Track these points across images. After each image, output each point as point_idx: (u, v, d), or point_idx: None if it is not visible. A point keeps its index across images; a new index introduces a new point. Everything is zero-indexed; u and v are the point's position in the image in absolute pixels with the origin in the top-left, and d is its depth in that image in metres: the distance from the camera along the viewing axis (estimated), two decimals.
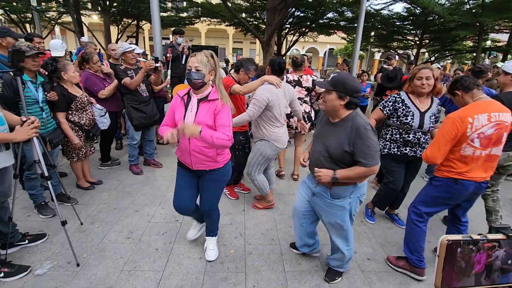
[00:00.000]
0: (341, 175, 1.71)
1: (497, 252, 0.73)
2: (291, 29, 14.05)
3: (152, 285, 2.02)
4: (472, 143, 1.87)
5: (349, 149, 1.66)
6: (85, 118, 3.05)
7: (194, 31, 26.46)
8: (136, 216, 2.84)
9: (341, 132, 1.71)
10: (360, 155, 1.65)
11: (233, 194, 3.31)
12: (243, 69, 2.89)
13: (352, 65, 9.07)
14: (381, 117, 2.65)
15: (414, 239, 2.19)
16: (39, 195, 2.74)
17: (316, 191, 1.93)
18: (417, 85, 2.41)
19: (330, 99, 1.69)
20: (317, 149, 1.82)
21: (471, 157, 1.91)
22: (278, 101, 2.68)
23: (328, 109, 1.74)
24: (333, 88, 1.66)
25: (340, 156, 1.70)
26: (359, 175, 1.70)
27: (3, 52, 2.83)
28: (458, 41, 15.72)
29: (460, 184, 1.98)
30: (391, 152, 2.62)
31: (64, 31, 17.06)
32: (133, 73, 3.49)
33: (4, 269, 2.00)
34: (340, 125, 1.73)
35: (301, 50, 33.71)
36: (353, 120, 1.69)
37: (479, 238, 0.73)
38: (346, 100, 1.67)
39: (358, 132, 1.64)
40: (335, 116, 1.76)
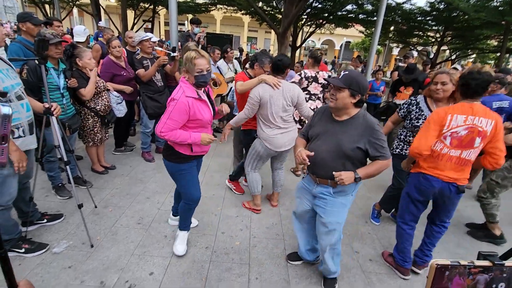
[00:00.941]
0: (363, 173, 1.73)
1: (479, 276, 0.77)
2: (308, 20, 13.75)
3: (160, 270, 2.13)
4: (444, 140, 1.93)
5: (364, 146, 1.69)
6: (100, 104, 3.14)
7: (209, 18, 26.28)
8: (147, 203, 2.96)
9: (352, 130, 1.72)
10: (378, 151, 1.70)
11: (239, 188, 3.35)
12: (257, 63, 2.81)
13: (368, 60, 8.88)
14: (398, 120, 2.69)
15: (400, 240, 2.28)
16: (57, 177, 2.88)
17: (317, 192, 1.89)
18: (432, 89, 2.39)
19: (342, 96, 1.68)
20: (325, 148, 1.78)
21: (438, 153, 1.96)
22: (271, 100, 2.54)
23: (338, 107, 1.72)
24: (346, 86, 1.66)
25: (353, 153, 1.72)
26: (379, 169, 1.74)
27: (24, 36, 2.92)
28: (482, 40, 15.08)
29: (424, 179, 2.04)
30: (403, 153, 2.63)
31: (82, 13, 17.22)
32: (148, 63, 3.55)
33: (25, 245, 2.14)
34: (350, 123, 1.74)
35: (317, 42, 33.06)
36: (364, 118, 1.73)
37: (466, 264, 0.76)
38: (358, 98, 1.69)
39: (372, 130, 1.69)
40: (343, 114, 1.76)
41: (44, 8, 15.20)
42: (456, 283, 0.77)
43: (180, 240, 2.33)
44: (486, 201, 2.83)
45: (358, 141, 1.69)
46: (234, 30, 28.44)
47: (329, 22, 14.12)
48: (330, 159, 1.77)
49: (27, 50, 2.85)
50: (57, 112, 2.17)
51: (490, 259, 0.76)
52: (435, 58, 15.59)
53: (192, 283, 2.05)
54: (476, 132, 1.86)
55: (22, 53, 2.85)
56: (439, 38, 15.32)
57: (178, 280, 2.06)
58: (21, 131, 1.91)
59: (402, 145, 2.66)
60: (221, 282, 2.08)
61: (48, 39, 2.25)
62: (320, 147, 1.81)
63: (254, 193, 2.96)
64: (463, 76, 1.94)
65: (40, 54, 2.01)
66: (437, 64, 16.11)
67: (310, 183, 1.96)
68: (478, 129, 1.85)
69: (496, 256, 0.76)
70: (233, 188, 3.35)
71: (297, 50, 14.13)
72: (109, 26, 15.68)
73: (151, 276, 2.07)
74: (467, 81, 1.90)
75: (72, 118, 2.78)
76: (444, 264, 0.75)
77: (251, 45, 28.83)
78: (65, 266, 2.08)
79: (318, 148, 1.81)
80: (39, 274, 1.99)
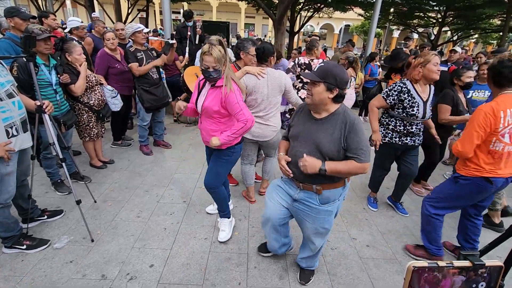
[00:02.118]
0: (330, 168, 1.53)
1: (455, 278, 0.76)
2: (305, 4, 13.43)
3: (160, 262, 2.17)
4: (502, 138, 1.82)
5: (344, 144, 1.54)
6: (94, 98, 3.11)
7: (205, 5, 25.70)
8: (146, 196, 2.98)
9: (332, 127, 1.56)
10: (355, 151, 1.53)
11: (232, 180, 3.33)
12: (242, 51, 2.69)
13: (368, 43, 8.72)
14: (384, 106, 2.60)
15: (433, 230, 2.22)
16: (55, 173, 2.90)
17: (300, 198, 1.73)
18: (434, 70, 2.34)
19: (318, 91, 1.52)
20: (304, 150, 1.61)
21: (500, 153, 1.86)
22: (255, 88, 2.50)
23: (314, 103, 1.57)
24: (321, 79, 1.50)
25: (335, 153, 1.55)
26: (350, 171, 1.55)
27: (13, 31, 2.87)
28: (484, 19, 14.73)
29: (492, 183, 1.93)
30: (393, 141, 2.63)
31: (75, 4, 16.87)
32: (142, 55, 3.50)
33: (26, 241, 2.18)
34: (330, 121, 1.57)
35: (316, 27, 32.41)
36: (344, 114, 1.56)
37: (445, 265, 0.75)
38: (335, 92, 1.52)
39: (352, 127, 1.52)
40: (322, 111, 1.60)
41: (36, 0, 14.89)
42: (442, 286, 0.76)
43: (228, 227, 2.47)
44: None
45: (338, 139, 1.54)
46: (230, 17, 27.87)
47: (327, 5, 13.80)
48: None
49: (17, 47, 2.80)
50: (49, 110, 2.16)
51: (470, 259, 0.75)
52: (436, 39, 15.29)
53: (191, 274, 2.09)
54: None
55: (13, 50, 2.81)
56: (440, 19, 14.98)
57: (178, 271, 2.10)
58: (15, 130, 1.90)
59: (391, 134, 2.63)
60: (220, 272, 2.12)
61: (36, 35, 2.21)
62: (299, 149, 1.64)
63: (246, 185, 2.99)
64: (493, 66, 1.87)
65: (28, 51, 1.97)
66: (438, 46, 15.81)
67: (291, 186, 1.79)
68: None
69: (476, 256, 0.75)
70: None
71: (295, 35, 13.86)
72: (103, 17, 15.40)
73: (152, 268, 2.11)
74: (499, 70, 1.82)
75: (66, 114, 2.77)
76: (421, 267, 0.74)
77: (248, 32, 28.30)
78: (67, 260, 2.12)
79: (297, 150, 1.66)
80: (42, 269, 2.03)
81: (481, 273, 0.79)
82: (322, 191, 1.65)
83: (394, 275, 2.19)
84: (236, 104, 1.97)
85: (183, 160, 3.82)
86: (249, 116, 1.99)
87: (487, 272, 0.77)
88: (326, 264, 2.25)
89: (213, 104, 2.01)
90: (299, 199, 1.74)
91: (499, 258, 2.26)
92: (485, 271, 0.79)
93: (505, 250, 1.32)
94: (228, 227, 2.46)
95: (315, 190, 1.66)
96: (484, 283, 0.77)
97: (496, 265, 0.82)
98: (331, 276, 2.14)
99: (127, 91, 3.81)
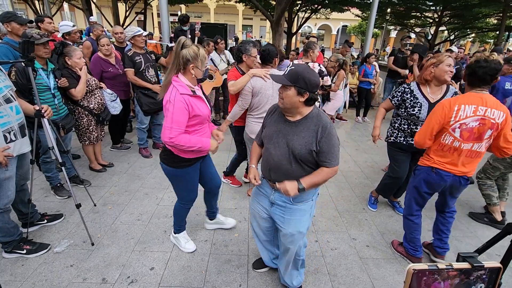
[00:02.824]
0: (308, 183, 1.54)
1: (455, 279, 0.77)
2: (303, 5, 13.48)
3: (161, 264, 2.17)
4: (453, 132, 1.88)
5: (316, 148, 1.53)
6: (93, 102, 3.12)
7: (203, 7, 25.74)
8: (145, 199, 2.98)
9: (305, 131, 1.55)
10: (326, 156, 1.53)
11: (235, 182, 3.36)
12: (244, 54, 2.69)
13: (365, 44, 8.74)
14: (390, 107, 2.68)
15: (408, 231, 2.32)
16: (55, 177, 2.89)
17: (274, 199, 1.71)
18: (446, 71, 2.32)
19: (288, 95, 1.50)
20: (278, 152, 1.61)
21: (449, 146, 1.93)
22: (261, 90, 2.54)
23: (286, 107, 1.55)
24: (292, 83, 1.47)
25: (308, 156, 1.55)
26: (325, 178, 1.57)
27: (10, 36, 2.88)
28: (480, 19, 14.79)
29: (436, 174, 2.02)
30: (397, 140, 2.64)
31: (73, 8, 16.88)
32: (141, 58, 3.50)
33: (26, 246, 2.18)
34: (303, 124, 1.56)
35: (313, 28, 32.49)
36: (318, 118, 1.55)
37: (445, 267, 0.75)
38: (306, 96, 1.49)
39: (324, 131, 1.52)
40: (295, 114, 1.58)
41: (34, 4, 14.88)
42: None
43: (183, 241, 2.33)
44: (482, 182, 2.92)
45: (311, 143, 1.53)
46: (228, 18, 27.93)
47: (324, 6, 13.83)
48: (284, 163, 1.60)
49: (16, 51, 2.81)
50: (49, 114, 2.17)
51: (469, 261, 0.76)
52: (433, 39, 15.35)
53: (192, 276, 2.09)
54: (489, 124, 1.80)
55: (11, 54, 2.81)
56: (437, 19, 15.05)
57: (178, 274, 2.10)
58: (13, 134, 1.91)
59: (396, 133, 2.65)
60: (220, 274, 2.12)
61: (34, 40, 2.21)
62: (272, 150, 1.64)
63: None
64: (469, 65, 1.89)
65: (26, 56, 1.98)
66: (436, 45, 15.87)
67: (267, 188, 1.77)
68: (490, 121, 1.80)
69: (475, 258, 0.76)
70: (230, 182, 3.36)
71: (293, 36, 13.89)
72: (101, 20, 15.40)
73: (152, 271, 2.12)
74: (473, 69, 1.84)
75: (65, 118, 2.77)
76: (421, 269, 0.74)
77: (246, 33, 28.34)
78: (67, 264, 2.12)
79: (270, 152, 1.65)
80: (42, 274, 2.03)
81: (480, 275, 0.79)
82: None
83: (394, 275, 2.20)
84: None
85: None
86: None
87: (486, 274, 0.78)
88: (327, 264, 2.26)
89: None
90: (275, 200, 1.72)
91: (497, 256, 2.27)
92: (484, 273, 0.79)
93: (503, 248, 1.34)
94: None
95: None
96: (483, 285, 0.77)
97: (494, 267, 0.83)
98: (332, 277, 2.14)
99: (123, 95, 3.81)
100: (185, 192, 2.14)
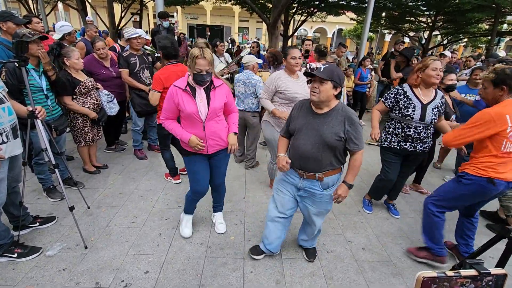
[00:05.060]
0: (352, 178, 1.85)
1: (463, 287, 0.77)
2: (299, 8, 13.56)
3: (156, 268, 2.14)
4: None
5: (344, 135, 1.76)
6: (89, 102, 3.08)
7: (199, 9, 25.74)
8: (140, 202, 2.95)
9: (333, 121, 1.77)
10: (355, 141, 1.78)
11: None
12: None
13: (361, 47, 8.81)
14: (384, 109, 2.70)
15: (436, 229, 2.24)
16: (48, 179, 2.85)
17: (304, 186, 1.94)
18: (432, 75, 2.40)
19: (326, 89, 1.71)
20: (309, 141, 1.82)
21: (509, 153, 1.88)
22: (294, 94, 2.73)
23: (321, 99, 1.74)
24: (329, 78, 1.69)
25: (337, 143, 1.78)
26: (359, 164, 1.84)
27: (4, 36, 2.83)
28: (473, 24, 15.05)
29: (494, 184, 1.94)
30: (391, 145, 2.65)
31: (68, 8, 16.71)
32: (136, 59, 3.48)
33: (17, 249, 2.13)
34: (331, 115, 1.79)
35: (309, 31, 32.71)
36: (343, 109, 1.79)
37: (453, 274, 0.76)
38: (339, 89, 1.75)
39: (351, 120, 1.76)
40: (325, 106, 1.80)
41: (28, 3, 14.71)
42: None
43: (184, 223, 2.51)
44: None
45: (339, 131, 1.75)
46: (225, 20, 27.97)
47: (320, 10, 13.94)
48: (315, 152, 1.81)
49: (9, 51, 2.76)
50: (42, 115, 2.13)
51: (476, 268, 0.76)
52: (427, 43, 15.56)
53: (187, 280, 2.07)
54: None
55: (5, 55, 2.77)
56: (430, 23, 15.25)
57: (174, 277, 2.08)
58: (5, 136, 1.87)
59: (390, 138, 2.67)
60: (216, 277, 2.10)
61: (27, 39, 2.18)
62: (303, 141, 1.84)
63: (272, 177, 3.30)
64: (506, 71, 1.90)
65: (20, 56, 1.94)
66: (429, 49, 16.09)
67: (294, 176, 1.98)
68: None
69: (482, 264, 0.76)
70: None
71: (289, 39, 13.96)
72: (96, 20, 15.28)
73: (147, 274, 2.09)
74: None
75: (58, 119, 2.73)
76: (430, 277, 0.75)
77: (242, 35, 28.38)
78: (60, 268, 2.08)
79: (301, 142, 1.85)
80: (34, 278, 1.99)
81: (488, 281, 0.80)
82: (324, 178, 1.87)
83: (390, 277, 2.21)
84: (233, 101, 2.23)
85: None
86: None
87: (493, 281, 0.78)
88: (322, 267, 2.25)
89: (220, 102, 2.10)
90: (303, 187, 1.94)
91: (491, 259, 2.29)
92: (491, 279, 0.80)
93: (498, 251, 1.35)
94: (223, 219, 2.68)
95: (317, 178, 1.87)
96: None
97: (500, 273, 0.84)
98: (327, 280, 2.14)
99: (118, 97, 3.75)
100: (191, 180, 2.33)
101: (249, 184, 3.45)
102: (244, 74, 3.41)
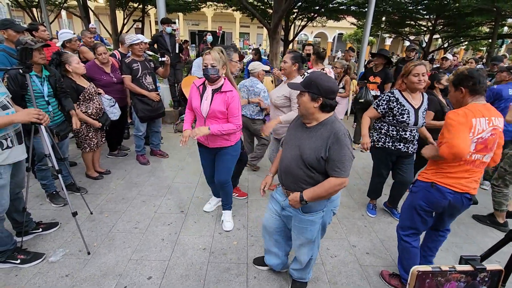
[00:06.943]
0: (310, 196, 1.55)
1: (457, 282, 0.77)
2: (299, 13, 13.68)
3: (159, 274, 2.13)
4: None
5: (325, 155, 1.51)
6: (91, 107, 3.10)
7: (200, 15, 26.00)
8: (143, 207, 2.95)
9: (317, 136, 1.55)
10: (335, 164, 1.50)
11: (241, 193, 3.27)
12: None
13: (361, 51, 8.85)
14: (375, 116, 2.70)
15: (406, 256, 2.04)
16: (50, 185, 2.85)
17: (285, 205, 1.75)
18: (414, 81, 2.42)
19: (303, 101, 1.54)
20: (289, 154, 1.64)
21: (466, 160, 1.73)
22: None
23: (302, 113, 1.60)
24: (305, 89, 1.52)
25: (315, 163, 1.54)
26: (329, 190, 1.53)
27: (7, 43, 2.87)
28: (473, 27, 15.09)
29: (436, 190, 1.81)
30: (386, 146, 2.67)
31: (71, 15, 16.94)
32: (138, 66, 3.51)
33: (20, 256, 2.12)
34: (317, 129, 1.57)
35: (310, 36, 32.92)
36: (332, 124, 1.54)
37: (448, 269, 0.76)
38: (319, 102, 1.51)
39: (337, 138, 1.49)
40: (312, 120, 1.60)
41: (32, 11, 14.92)
42: None
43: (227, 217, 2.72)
44: (498, 189, 2.92)
45: (320, 147, 1.52)
46: (226, 26, 28.16)
47: (320, 15, 14.05)
48: (294, 166, 1.62)
49: (13, 58, 2.80)
50: (46, 121, 2.14)
51: (472, 263, 0.76)
52: (427, 47, 15.60)
53: (191, 286, 2.05)
54: (498, 133, 1.75)
55: (8, 62, 2.80)
56: (431, 27, 15.31)
57: (176, 283, 2.06)
58: (9, 141, 1.88)
59: (384, 138, 2.67)
60: (219, 283, 2.08)
61: (32, 46, 2.21)
62: (285, 153, 1.70)
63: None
64: (470, 74, 1.74)
65: (24, 63, 1.96)
66: (430, 53, 16.13)
67: (281, 193, 1.82)
68: (499, 129, 1.75)
69: (477, 260, 0.76)
70: (236, 195, 3.19)
71: (290, 44, 14.05)
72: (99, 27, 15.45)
73: (150, 280, 2.07)
74: (478, 79, 1.72)
75: (60, 125, 2.74)
76: (425, 271, 0.75)
77: (243, 41, 28.59)
78: (62, 274, 2.07)
79: (283, 155, 1.71)
80: (36, 284, 1.98)
81: (483, 277, 0.80)
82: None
83: None
84: (236, 109, 2.25)
85: (180, 170, 3.80)
86: (241, 124, 2.33)
87: (488, 276, 0.78)
88: (327, 272, 2.23)
89: (221, 106, 2.21)
90: (285, 206, 1.77)
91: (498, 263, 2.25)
92: (486, 275, 0.80)
93: (504, 254, 1.33)
94: (231, 217, 2.75)
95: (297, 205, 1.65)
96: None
97: (496, 269, 0.84)
98: (332, 285, 2.12)
99: (118, 103, 3.76)
100: None
101: (252, 189, 3.44)
102: (249, 81, 3.40)
